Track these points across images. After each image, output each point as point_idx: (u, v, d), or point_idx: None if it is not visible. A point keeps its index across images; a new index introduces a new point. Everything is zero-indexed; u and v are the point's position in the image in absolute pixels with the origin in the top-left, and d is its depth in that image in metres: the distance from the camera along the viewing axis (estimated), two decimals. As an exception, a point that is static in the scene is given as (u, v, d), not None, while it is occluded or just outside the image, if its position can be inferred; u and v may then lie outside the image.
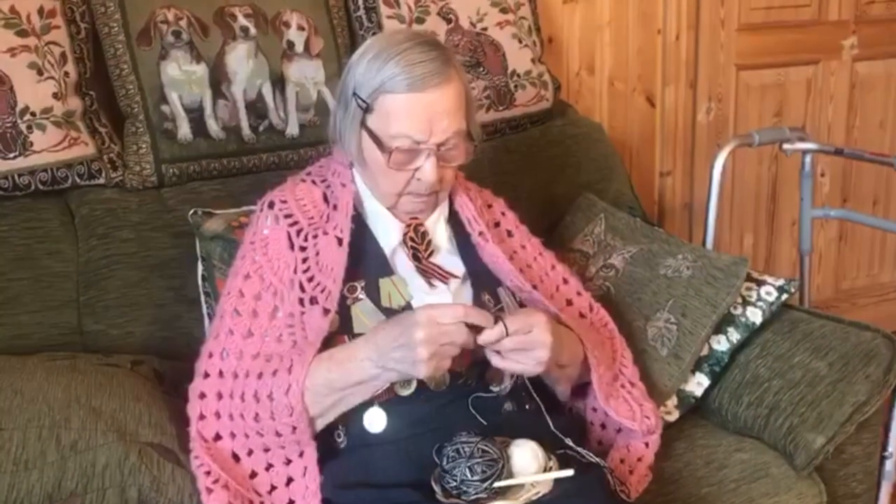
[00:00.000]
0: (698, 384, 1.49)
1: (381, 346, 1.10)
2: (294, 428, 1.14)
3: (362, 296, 1.22)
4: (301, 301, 1.21)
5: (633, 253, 1.58)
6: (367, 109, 1.19)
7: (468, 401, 1.16)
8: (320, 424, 1.16)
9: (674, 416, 1.49)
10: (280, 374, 1.14)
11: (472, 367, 1.17)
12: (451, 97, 1.18)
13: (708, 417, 1.51)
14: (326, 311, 1.18)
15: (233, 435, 1.18)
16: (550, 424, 1.16)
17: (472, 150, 1.21)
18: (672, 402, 1.49)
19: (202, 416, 1.18)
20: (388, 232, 1.27)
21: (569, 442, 1.16)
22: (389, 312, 1.20)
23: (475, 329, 1.10)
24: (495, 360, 1.13)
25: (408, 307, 1.21)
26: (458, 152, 1.21)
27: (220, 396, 1.19)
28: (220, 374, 1.20)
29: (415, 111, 1.16)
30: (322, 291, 1.20)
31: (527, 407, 1.21)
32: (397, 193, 1.24)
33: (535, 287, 1.32)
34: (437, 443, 1.13)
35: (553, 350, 1.13)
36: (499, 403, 1.19)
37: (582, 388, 1.31)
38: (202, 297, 1.44)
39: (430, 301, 1.21)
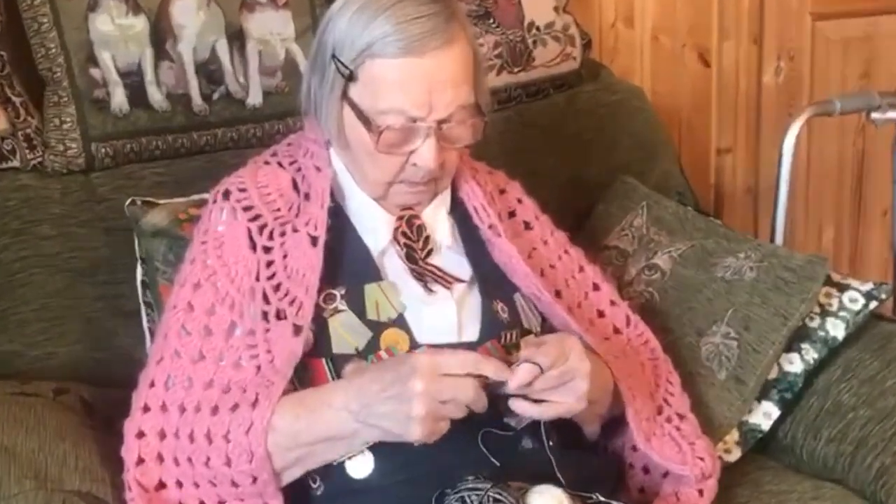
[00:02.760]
0: (765, 415, 1.50)
1: (365, 394, 1.11)
2: (254, 478, 1.14)
3: (343, 306, 1.22)
4: (265, 315, 1.21)
5: (682, 251, 1.58)
6: (349, 77, 1.20)
7: (477, 436, 1.17)
8: (285, 479, 1.17)
9: (734, 455, 1.49)
10: (241, 410, 1.15)
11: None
12: (456, 62, 1.18)
13: (778, 457, 1.52)
14: (297, 329, 1.19)
15: (179, 484, 1.18)
16: (554, 465, 1.17)
17: (482, 127, 1.22)
18: (732, 437, 1.49)
19: (141, 460, 1.19)
20: (374, 227, 1.28)
21: (597, 497, 1.18)
22: (378, 327, 1.21)
23: (483, 380, 1.12)
24: (524, 408, 1.14)
25: (400, 321, 1.22)
26: (464, 130, 1.22)
27: (163, 435, 1.19)
28: (164, 407, 1.20)
29: (411, 80, 1.17)
30: (291, 303, 1.21)
31: (550, 444, 1.21)
32: (387, 182, 1.25)
33: (558, 294, 1.33)
34: (437, 490, 1.14)
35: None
36: (515, 440, 1.20)
37: (618, 424, 1.31)
38: (142, 309, 1.45)
39: (429, 312, 1.23)
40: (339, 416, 1.12)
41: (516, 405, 1.15)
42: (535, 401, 1.15)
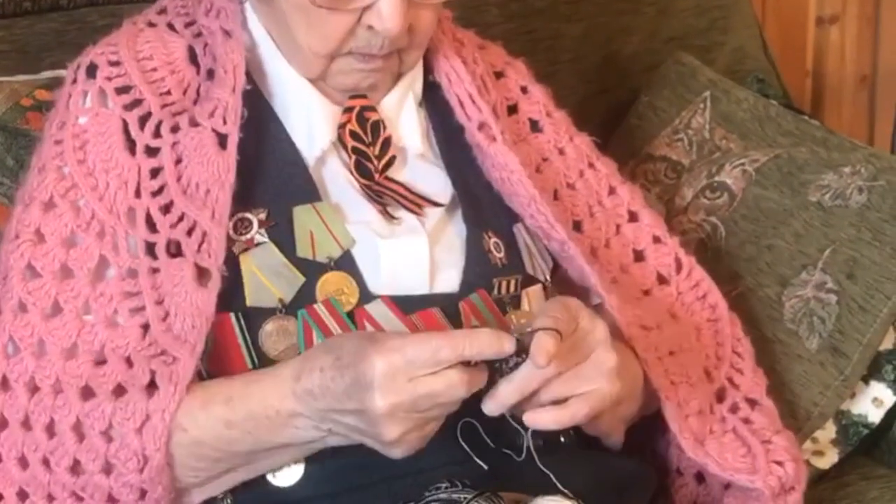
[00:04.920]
0: (875, 401, 1.53)
1: (318, 398, 1.12)
2: (143, 492, 1.16)
3: (261, 237, 1.23)
4: (150, 249, 1.22)
5: (761, 164, 1.58)
6: None
7: (455, 428, 1.18)
8: (196, 498, 1.19)
9: (829, 458, 1.52)
10: (130, 396, 1.16)
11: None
12: None
13: (891, 461, 1.55)
14: (202, 274, 1.20)
15: (22, 496, 1.19)
16: (540, 465, 1.18)
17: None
18: (827, 433, 1.52)
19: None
20: (309, 122, 1.29)
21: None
22: (313, 269, 1.22)
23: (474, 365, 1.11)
24: (547, 420, 1.15)
25: (345, 261, 1.23)
26: (442, -23, 1.24)
27: (2, 424, 1.20)
28: (3, 383, 1.21)
29: None
30: (190, 233, 1.22)
31: (562, 440, 1.24)
32: (329, 53, 1.25)
33: (577, 226, 1.35)
34: (396, 502, 1.16)
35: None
36: (510, 433, 1.21)
37: (662, 418, 1.32)
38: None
39: (388, 249, 1.24)
40: (294, 422, 1.15)
41: (533, 418, 1.14)
42: (554, 404, 1.16)
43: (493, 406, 1.13)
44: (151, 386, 1.16)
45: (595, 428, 1.27)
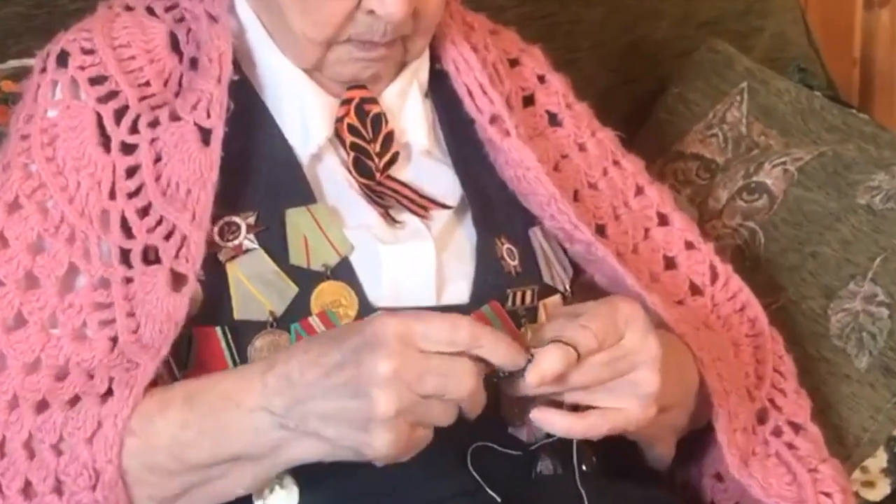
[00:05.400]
0: (932, 427, 1.51)
1: (295, 383, 1.10)
2: (96, 511, 1.14)
3: (251, 244, 1.23)
4: (125, 256, 1.22)
5: (804, 162, 1.58)
6: None
7: (466, 454, 1.18)
8: None
9: (882, 489, 1.54)
10: (83, 405, 1.16)
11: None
12: None
13: None
14: (179, 280, 1.20)
15: (-25, 524, 1.18)
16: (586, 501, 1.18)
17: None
18: (878, 461, 1.53)
19: None
20: (304, 116, 1.29)
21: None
22: (307, 279, 1.22)
23: (483, 366, 1.10)
24: (554, 422, 1.14)
25: (343, 269, 1.23)
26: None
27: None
28: (-42, 398, 1.19)
29: None
30: (169, 238, 1.22)
31: (584, 469, 1.22)
32: (326, 40, 1.25)
33: (601, 230, 1.36)
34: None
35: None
36: (526, 461, 1.22)
37: (695, 442, 1.33)
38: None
39: (391, 256, 1.23)
40: (254, 421, 1.11)
41: (541, 416, 1.13)
42: (572, 408, 1.15)
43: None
44: (108, 393, 1.15)
45: (635, 436, 1.26)
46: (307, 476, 1.16)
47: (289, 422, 1.10)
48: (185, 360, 1.21)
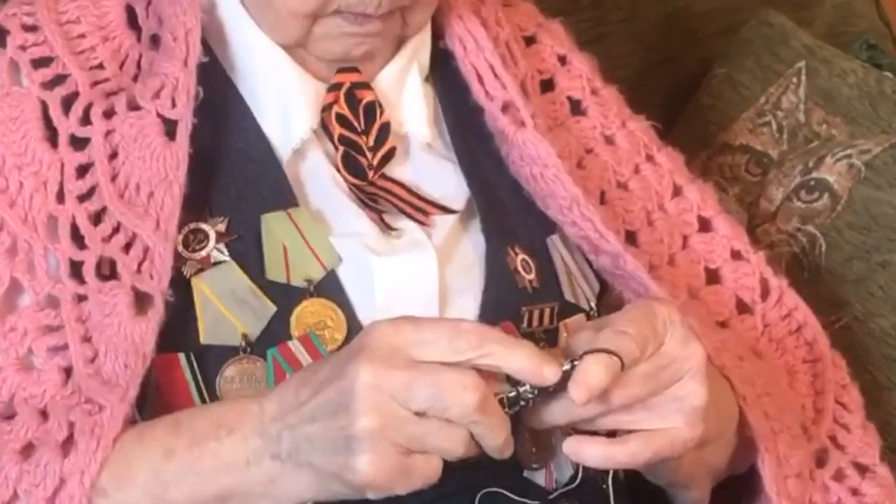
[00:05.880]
0: None
1: (287, 404, 1.09)
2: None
3: (221, 254, 1.22)
4: (76, 270, 1.21)
5: (873, 154, 1.58)
6: None
7: (474, 500, 1.17)
8: None
9: None
10: (43, 456, 1.14)
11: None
12: None
13: None
14: (143, 300, 1.19)
15: None
16: None
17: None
18: None
19: None
20: (284, 104, 1.29)
21: None
22: (287, 295, 1.21)
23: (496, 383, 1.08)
24: (592, 452, 1.10)
25: (329, 284, 1.22)
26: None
27: None
28: None
29: None
30: (128, 248, 1.21)
31: (603, 487, 1.23)
32: (311, 12, 1.24)
33: (631, 238, 1.37)
34: None
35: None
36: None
37: (738, 491, 1.31)
38: None
39: (386, 269, 1.22)
40: (248, 450, 1.10)
41: (577, 447, 1.09)
42: (606, 434, 1.12)
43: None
44: (69, 442, 1.14)
45: (669, 475, 1.24)
46: None
47: (282, 451, 1.09)
48: (142, 392, 1.18)
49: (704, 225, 1.41)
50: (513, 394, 1.06)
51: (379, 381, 1.03)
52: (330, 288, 1.20)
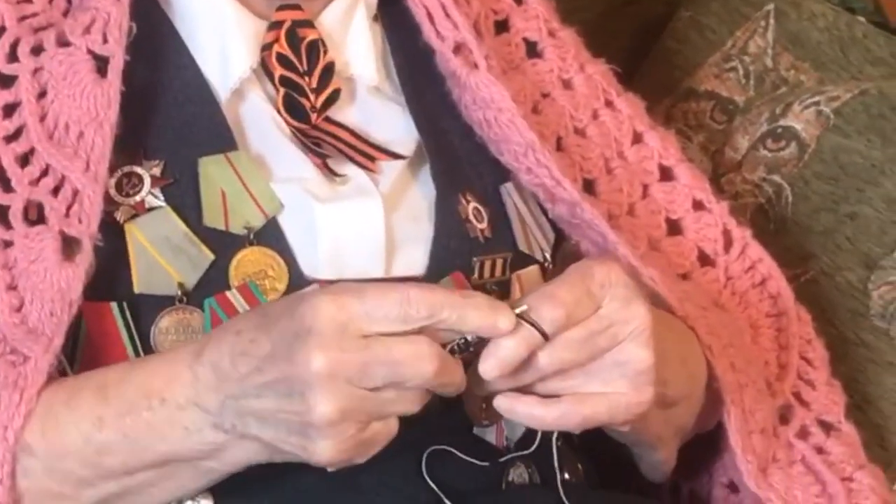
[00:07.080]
0: None
1: (228, 376, 1.08)
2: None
3: (155, 199, 1.21)
4: (2, 214, 1.20)
5: (842, 102, 1.57)
6: None
7: (420, 458, 1.17)
8: None
9: None
10: None
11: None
12: None
13: None
14: (71, 245, 1.17)
15: None
16: None
17: None
18: None
19: None
20: (223, 42, 1.28)
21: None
22: (225, 243, 1.21)
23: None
24: (524, 410, 1.11)
25: (270, 232, 1.21)
26: None
27: None
28: None
29: None
30: (57, 192, 1.20)
31: (566, 478, 1.21)
32: None
33: (588, 186, 1.36)
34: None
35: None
36: (496, 468, 1.20)
37: (705, 444, 1.33)
38: None
39: (330, 217, 1.22)
40: (184, 420, 1.10)
41: (506, 404, 1.10)
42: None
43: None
44: None
45: (635, 436, 1.24)
46: (223, 490, 1.15)
47: (224, 422, 1.09)
48: (73, 344, 1.18)
49: (665, 174, 1.40)
50: (462, 341, 1.06)
51: (333, 368, 1.02)
52: (270, 236, 1.20)
